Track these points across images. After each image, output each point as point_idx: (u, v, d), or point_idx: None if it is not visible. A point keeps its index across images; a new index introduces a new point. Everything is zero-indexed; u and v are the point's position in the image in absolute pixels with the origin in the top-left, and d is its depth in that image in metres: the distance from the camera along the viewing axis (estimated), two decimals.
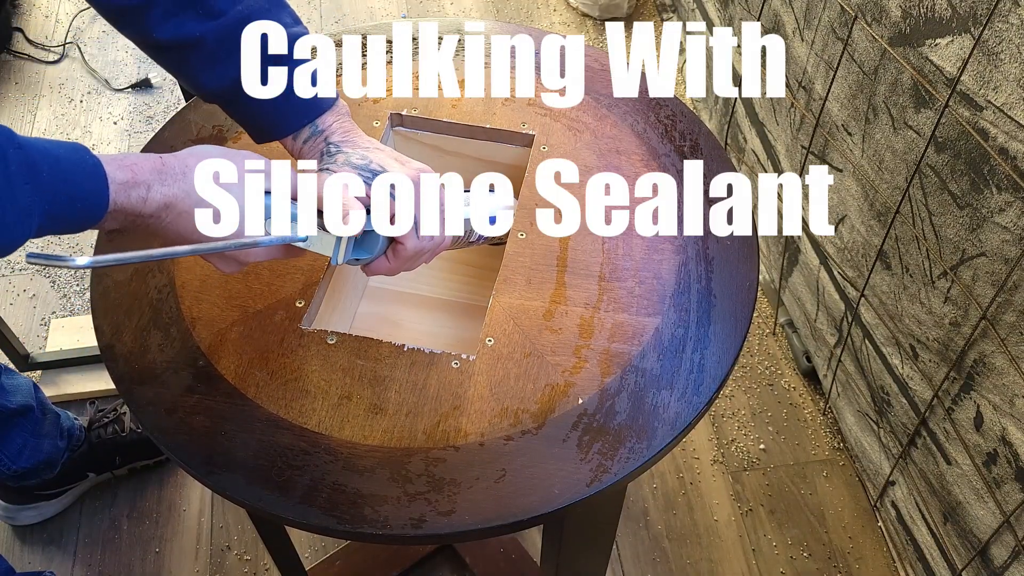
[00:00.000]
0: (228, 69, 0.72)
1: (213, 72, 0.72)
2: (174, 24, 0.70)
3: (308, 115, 0.75)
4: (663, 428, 0.71)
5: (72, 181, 0.60)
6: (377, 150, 0.75)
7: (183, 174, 0.64)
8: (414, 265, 0.75)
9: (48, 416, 1.29)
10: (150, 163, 0.63)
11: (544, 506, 0.67)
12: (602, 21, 2.16)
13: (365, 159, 0.73)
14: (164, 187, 0.63)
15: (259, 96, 0.73)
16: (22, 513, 1.33)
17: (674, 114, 0.95)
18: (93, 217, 0.61)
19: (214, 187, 0.65)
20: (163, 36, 0.71)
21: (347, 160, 0.73)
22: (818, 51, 1.26)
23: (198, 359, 0.75)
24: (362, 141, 0.76)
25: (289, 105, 0.74)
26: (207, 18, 0.70)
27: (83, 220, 0.61)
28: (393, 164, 0.73)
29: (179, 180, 0.63)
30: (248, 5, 0.71)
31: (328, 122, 0.75)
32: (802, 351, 1.53)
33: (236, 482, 0.69)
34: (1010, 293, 0.94)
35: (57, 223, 0.59)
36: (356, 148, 0.75)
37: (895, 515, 1.31)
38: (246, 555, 1.33)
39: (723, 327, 0.77)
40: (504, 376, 0.74)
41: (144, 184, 0.62)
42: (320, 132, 0.75)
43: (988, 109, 0.91)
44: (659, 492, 1.40)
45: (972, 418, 1.05)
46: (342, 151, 0.74)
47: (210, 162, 0.65)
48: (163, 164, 0.64)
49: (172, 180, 0.63)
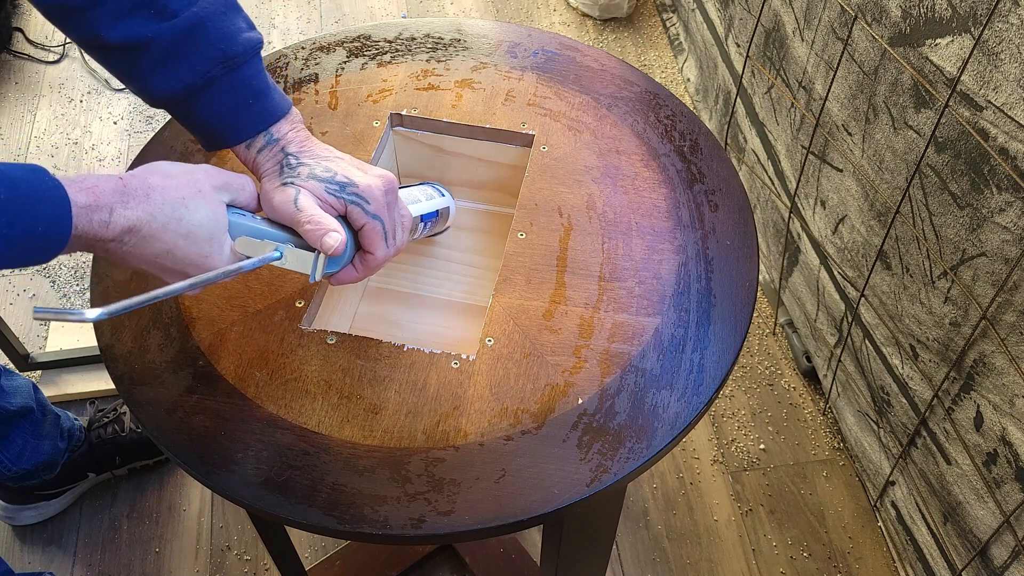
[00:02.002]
0: (180, 72, 0.69)
1: (163, 75, 0.69)
2: (124, 25, 0.68)
3: (263, 122, 0.73)
4: (663, 428, 0.71)
5: (31, 204, 0.57)
6: (338, 159, 0.74)
7: (146, 195, 0.62)
8: (377, 270, 0.75)
9: (48, 417, 1.29)
10: (111, 184, 0.61)
11: (544, 506, 0.67)
12: (602, 21, 2.16)
13: (329, 171, 0.72)
14: (127, 210, 0.60)
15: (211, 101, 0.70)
16: (22, 513, 1.33)
17: (674, 114, 0.95)
18: (55, 244, 0.58)
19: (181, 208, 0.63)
20: (112, 37, 0.68)
21: (311, 173, 0.71)
22: (818, 51, 1.26)
23: (198, 359, 0.75)
24: (320, 151, 0.74)
25: (243, 111, 0.72)
26: (159, 19, 0.68)
27: (44, 247, 0.58)
28: (357, 174, 0.72)
29: (142, 202, 0.61)
30: (203, 7, 0.69)
31: (283, 130, 0.73)
32: (802, 351, 1.53)
33: (236, 482, 0.69)
34: (1010, 293, 0.94)
35: (16, 251, 0.56)
36: (316, 159, 0.73)
37: (895, 515, 1.31)
38: (246, 555, 1.33)
39: (723, 327, 0.77)
40: (504, 376, 0.74)
41: (106, 207, 0.60)
42: (276, 141, 0.73)
43: (988, 109, 0.91)
44: (659, 492, 1.40)
45: (972, 418, 1.05)
46: (303, 163, 0.72)
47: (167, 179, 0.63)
48: (124, 185, 0.61)
49: (135, 202, 0.61)
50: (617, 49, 2.09)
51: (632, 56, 2.07)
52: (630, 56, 2.07)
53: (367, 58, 1.00)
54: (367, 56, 1.00)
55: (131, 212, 0.61)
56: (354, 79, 0.98)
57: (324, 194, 0.71)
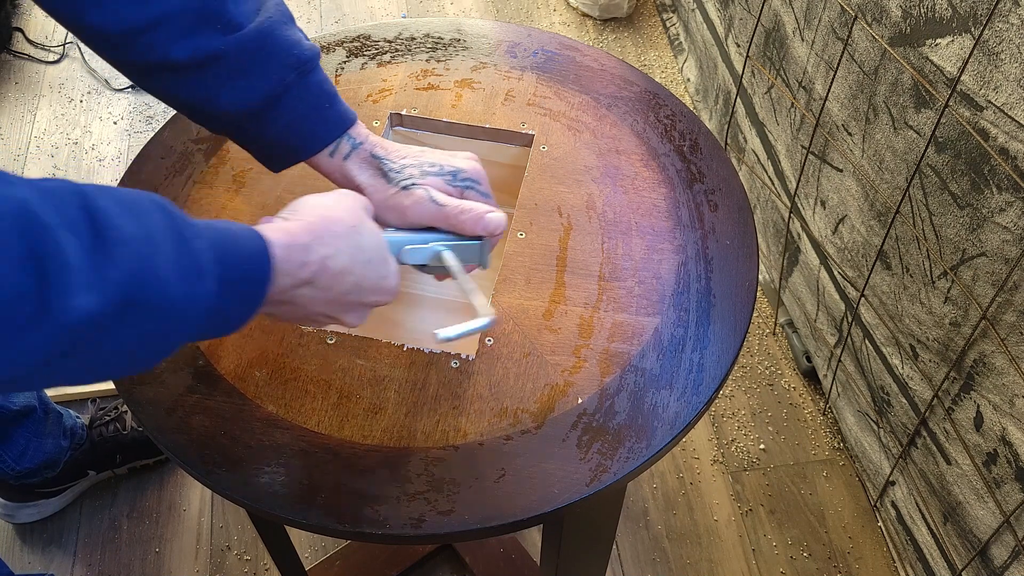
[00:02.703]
0: (254, 82, 0.67)
1: (237, 88, 0.67)
2: (192, 42, 0.65)
3: (342, 125, 0.71)
4: (663, 428, 0.71)
5: (232, 235, 0.55)
6: (426, 152, 0.74)
7: (329, 231, 0.61)
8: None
9: (50, 416, 1.29)
10: (296, 225, 0.60)
11: (543, 506, 0.67)
12: (602, 21, 2.16)
13: (435, 164, 0.72)
14: (321, 247, 0.60)
15: (288, 110, 0.69)
16: (21, 511, 1.33)
17: (674, 114, 0.95)
18: (259, 286, 0.56)
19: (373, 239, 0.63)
20: (180, 56, 0.65)
21: (423, 171, 0.71)
22: (818, 51, 1.26)
23: (197, 359, 0.75)
24: (402, 148, 0.74)
25: (321, 117, 0.70)
26: (226, 32, 0.66)
27: (252, 289, 0.56)
28: (456, 160, 0.73)
29: (329, 238, 0.61)
30: (267, 17, 0.68)
31: (363, 133, 0.72)
32: (802, 351, 1.53)
33: (236, 482, 0.68)
34: (1010, 293, 0.94)
35: (229, 292, 0.54)
36: (408, 156, 0.73)
37: (895, 515, 1.31)
38: (246, 555, 1.33)
39: (723, 327, 0.77)
40: (503, 376, 0.74)
41: (302, 245, 0.59)
42: (360, 145, 0.72)
43: (988, 109, 0.91)
44: (659, 492, 1.40)
45: (972, 418, 1.05)
46: (405, 164, 0.72)
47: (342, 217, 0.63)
48: (308, 224, 0.60)
49: (326, 238, 0.60)
50: (617, 49, 2.09)
51: (632, 56, 2.07)
52: (630, 56, 2.07)
53: (367, 58, 1.00)
54: (367, 56, 1.00)
55: (324, 248, 0.60)
56: (354, 79, 0.98)
57: (445, 186, 0.71)
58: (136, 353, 0.51)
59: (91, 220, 0.46)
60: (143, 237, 0.48)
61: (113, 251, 0.46)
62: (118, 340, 0.48)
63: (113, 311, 0.46)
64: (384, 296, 0.66)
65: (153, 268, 0.48)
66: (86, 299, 0.44)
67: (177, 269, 0.50)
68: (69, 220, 0.45)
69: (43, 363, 0.45)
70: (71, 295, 0.44)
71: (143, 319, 0.48)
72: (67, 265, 0.44)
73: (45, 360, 0.45)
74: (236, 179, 0.88)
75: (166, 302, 0.49)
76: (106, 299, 0.45)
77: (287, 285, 0.59)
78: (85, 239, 0.45)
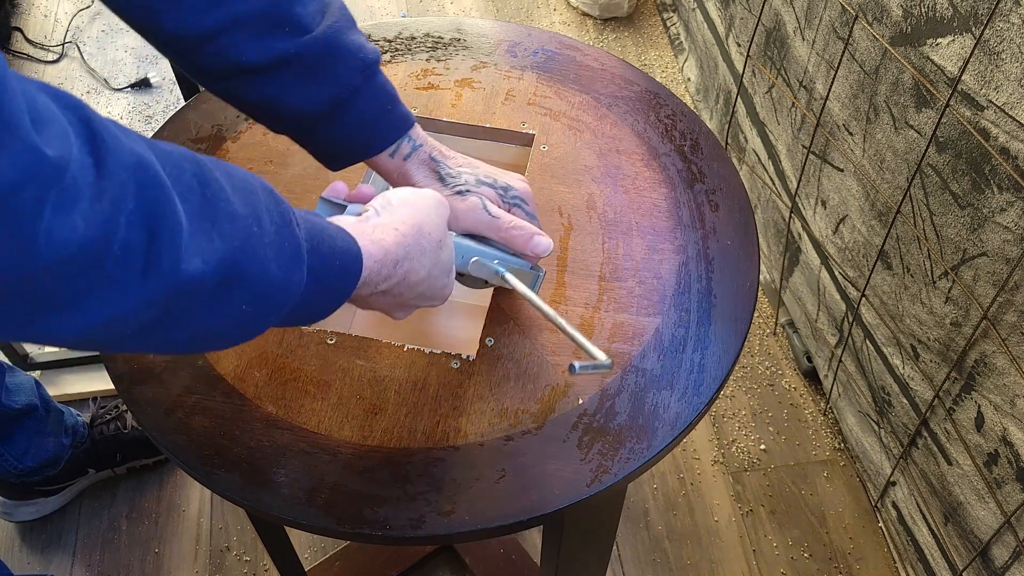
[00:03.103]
0: (324, 86, 0.68)
1: (307, 90, 0.68)
2: (263, 45, 0.66)
3: (403, 126, 0.72)
4: (663, 428, 0.71)
5: (329, 236, 0.55)
6: (482, 164, 0.75)
7: (420, 248, 0.62)
8: None
9: (52, 414, 1.29)
10: (392, 238, 0.60)
11: (544, 506, 0.67)
12: (602, 20, 2.16)
13: (489, 176, 0.73)
14: (408, 262, 0.61)
15: (355, 111, 0.70)
16: (20, 509, 1.33)
17: (674, 114, 0.94)
18: (346, 288, 0.57)
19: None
20: (252, 59, 0.66)
21: (478, 179, 0.72)
22: (819, 50, 1.26)
23: (197, 359, 0.75)
24: (458, 155, 0.75)
25: (385, 118, 0.71)
26: (296, 35, 0.66)
27: (337, 292, 0.57)
28: (508, 177, 0.74)
29: (417, 255, 0.62)
30: (334, 21, 0.69)
31: (421, 135, 0.73)
32: (803, 351, 1.53)
33: (236, 482, 0.68)
34: (1011, 293, 0.93)
35: (317, 287, 0.54)
36: (464, 165, 0.74)
37: (896, 515, 1.31)
38: (246, 555, 1.33)
39: (723, 327, 0.77)
40: (504, 376, 0.74)
41: (392, 261, 0.60)
42: (420, 146, 0.73)
43: (989, 109, 0.91)
44: (659, 492, 1.40)
45: (973, 418, 1.05)
46: (461, 169, 0.73)
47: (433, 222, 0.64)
48: (403, 237, 0.61)
49: (415, 254, 0.61)
50: (617, 49, 2.09)
51: (632, 56, 2.07)
52: (630, 56, 2.07)
53: None
54: None
55: (410, 263, 0.61)
56: None
57: (497, 199, 0.72)
58: (227, 329, 0.51)
59: (204, 190, 0.46)
60: (250, 216, 0.49)
61: (222, 224, 0.47)
62: (215, 313, 0.48)
63: (215, 282, 0.46)
64: (437, 302, 0.68)
65: (256, 247, 0.48)
66: (193, 264, 0.44)
67: (278, 253, 0.50)
68: (184, 186, 0.45)
69: (143, 324, 0.45)
70: (179, 257, 0.43)
71: (240, 296, 0.48)
72: (179, 227, 0.43)
73: (144, 321, 0.44)
74: None
75: (264, 284, 0.49)
76: (210, 269, 0.45)
77: (364, 293, 0.60)
78: (196, 207, 0.45)
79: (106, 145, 0.41)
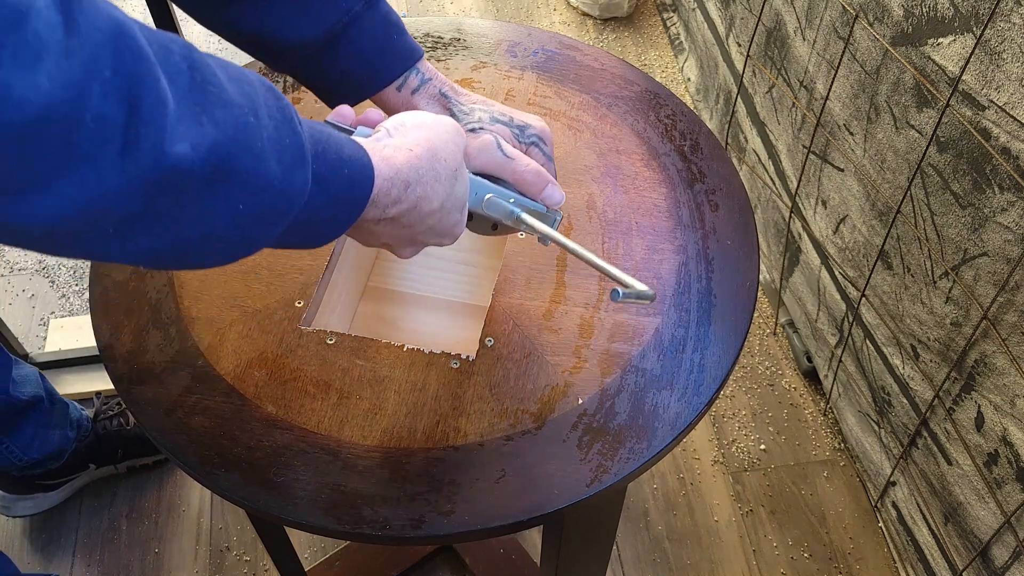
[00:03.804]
0: (322, 13, 0.64)
1: (303, 19, 0.64)
2: None
3: (410, 57, 0.67)
4: (663, 428, 0.71)
5: (336, 142, 0.51)
6: (496, 103, 0.71)
7: (435, 175, 0.57)
8: None
9: (57, 406, 1.29)
10: (403, 156, 0.55)
11: (544, 506, 0.67)
12: (602, 20, 2.15)
13: (504, 115, 0.68)
14: (419, 187, 0.55)
15: (356, 40, 0.65)
16: (19, 504, 1.33)
17: (674, 113, 0.94)
18: (360, 192, 0.52)
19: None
20: None
21: (492, 117, 0.68)
22: (820, 50, 1.26)
23: (197, 359, 0.75)
24: (469, 92, 0.70)
25: (389, 48, 0.66)
26: None
27: (347, 205, 0.52)
28: (526, 116, 0.69)
29: (431, 181, 0.56)
30: None
31: (430, 69, 0.69)
32: (803, 351, 1.53)
33: (235, 482, 0.68)
34: (1012, 293, 0.93)
35: (323, 196, 0.49)
36: (478, 101, 0.69)
37: (896, 515, 1.31)
38: (246, 555, 1.33)
39: (723, 327, 0.77)
40: (504, 376, 0.74)
41: (402, 182, 0.54)
42: (429, 80, 0.68)
43: (990, 109, 0.91)
44: (659, 493, 1.40)
45: (973, 418, 1.05)
46: (474, 106, 0.68)
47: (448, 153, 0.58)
48: (417, 158, 0.56)
49: (427, 179, 0.56)
50: (617, 48, 2.09)
51: (632, 56, 2.07)
52: (630, 56, 2.07)
53: None
54: None
55: (422, 189, 0.56)
56: None
57: (512, 139, 0.68)
58: (223, 230, 0.46)
59: (193, 73, 0.42)
60: (246, 106, 0.45)
61: (213, 110, 0.42)
62: (208, 209, 0.44)
63: (204, 172, 0.42)
64: (447, 240, 0.63)
65: (253, 140, 0.44)
66: (179, 148, 0.40)
67: (277, 149, 0.46)
68: (172, 66, 0.41)
69: (124, 217, 0.40)
70: (163, 138, 0.39)
71: (236, 192, 0.44)
72: (163, 106, 0.39)
73: (126, 213, 0.40)
74: None
75: (262, 181, 0.45)
76: (198, 155, 0.41)
77: (371, 218, 0.55)
78: (184, 89, 0.41)
79: (80, 5, 0.36)
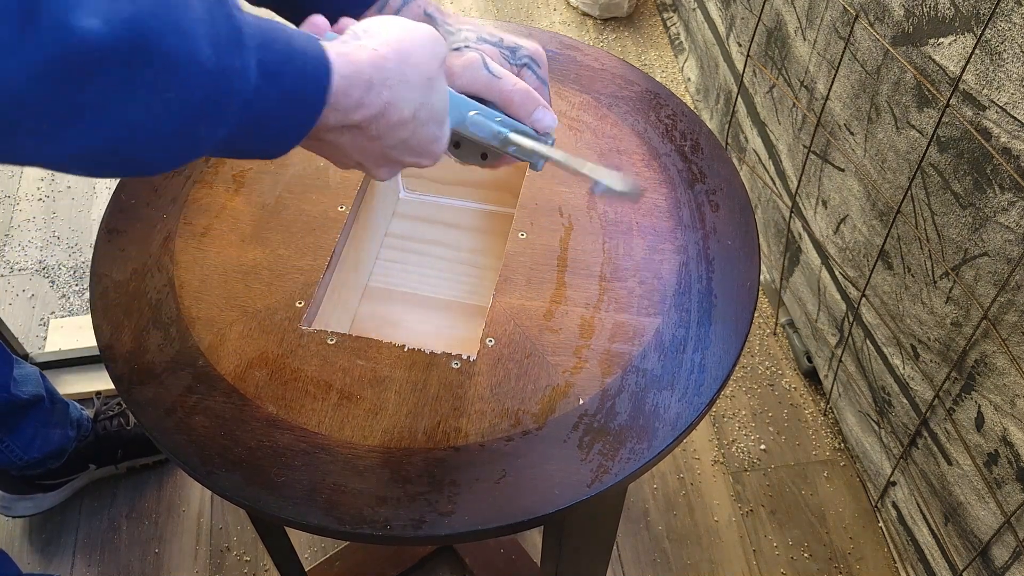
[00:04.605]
0: None
1: None
2: None
3: None
4: (664, 429, 0.71)
5: (284, 32, 0.46)
6: (483, 23, 0.67)
7: (402, 77, 0.52)
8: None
9: (57, 406, 1.29)
10: (365, 55, 0.50)
11: (544, 507, 0.67)
12: (602, 20, 2.15)
13: (493, 35, 0.64)
14: (385, 89, 0.51)
15: None
16: (19, 504, 1.33)
17: (675, 114, 0.94)
18: (315, 87, 0.47)
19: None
20: None
21: (479, 36, 0.64)
22: (820, 50, 1.26)
23: (197, 359, 0.75)
24: (456, 14, 0.67)
25: None
26: None
27: (301, 101, 0.47)
28: (518, 37, 0.66)
29: (399, 85, 0.52)
30: None
31: None
32: (803, 351, 1.53)
33: (235, 482, 0.68)
34: (1012, 293, 0.93)
35: (272, 89, 0.45)
36: (465, 22, 0.66)
37: (896, 515, 1.31)
38: (246, 556, 1.33)
39: (724, 327, 0.77)
40: (504, 376, 0.74)
41: (365, 82, 0.50)
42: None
43: (991, 109, 0.91)
44: (660, 493, 1.40)
45: (973, 418, 1.05)
46: (462, 26, 0.65)
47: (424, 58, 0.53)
48: (382, 58, 0.51)
49: (393, 82, 0.51)
50: (617, 49, 2.09)
51: (632, 56, 2.07)
52: (630, 56, 2.07)
53: None
54: None
55: (389, 93, 0.51)
56: None
57: (501, 60, 0.64)
58: (156, 123, 0.41)
59: None
60: None
61: None
62: (132, 97, 0.40)
63: (122, 52, 0.38)
64: (427, 160, 0.59)
65: (180, 20, 0.40)
66: (88, 22, 0.36)
67: (209, 30, 0.41)
68: None
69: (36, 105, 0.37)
70: (66, 10, 0.36)
71: (162, 76, 0.40)
72: None
73: (35, 100, 0.36)
74: (236, 179, 0.88)
75: (192, 64, 0.41)
76: (112, 31, 0.37)
77: (332, 123, 0.51)
78: None
79: None
